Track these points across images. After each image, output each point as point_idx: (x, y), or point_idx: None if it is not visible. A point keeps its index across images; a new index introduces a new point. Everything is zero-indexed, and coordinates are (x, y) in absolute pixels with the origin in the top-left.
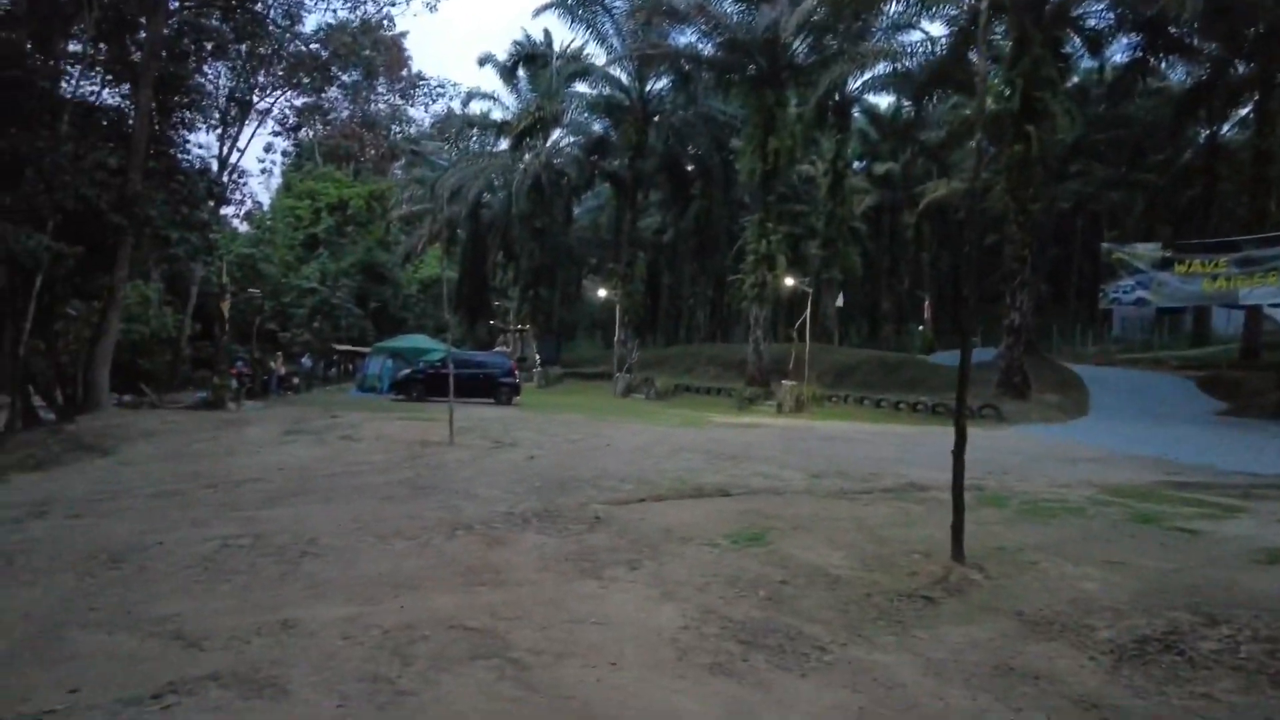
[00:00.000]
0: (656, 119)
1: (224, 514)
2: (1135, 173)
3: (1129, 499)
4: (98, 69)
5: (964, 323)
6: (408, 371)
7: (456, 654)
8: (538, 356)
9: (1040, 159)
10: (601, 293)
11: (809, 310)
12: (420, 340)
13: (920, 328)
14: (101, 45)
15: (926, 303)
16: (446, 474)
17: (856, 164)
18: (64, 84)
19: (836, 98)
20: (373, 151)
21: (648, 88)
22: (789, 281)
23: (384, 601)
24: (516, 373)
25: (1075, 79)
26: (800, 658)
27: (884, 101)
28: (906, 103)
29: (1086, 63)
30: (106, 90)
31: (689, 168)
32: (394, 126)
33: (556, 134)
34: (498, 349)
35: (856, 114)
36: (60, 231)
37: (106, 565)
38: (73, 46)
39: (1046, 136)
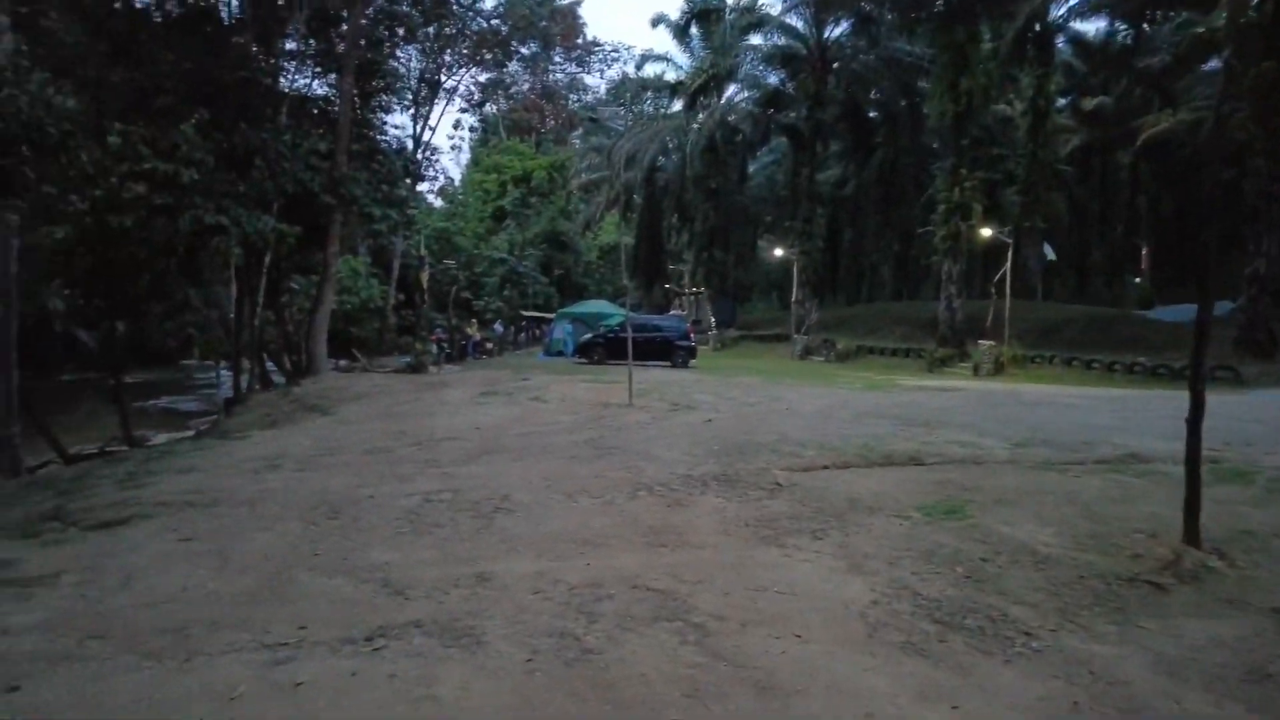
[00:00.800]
0: (835, 66)
1: (426, 470)
2: None
3: None
4: (308, 62)
5: (1203, 272)
6: (589, 336)
7: (640, 614)
8: (713, 319)
9: None
10: (778, 252)
11: (1009, 263)
12: (600, 305)
13: (1137, 280)
14: (310, 40)
15: (1144, 252)
16: (627, 435)
17: (1060, 100)
18: (281, 79)
19: (1037, 28)
20: (553, 122)
21: (825, 34)
22: (985, 232)
23: (571, 558)
24: (692, 336)
25: None
26: (1004, 642)
27: (1092, 28)
28: (1121, 27)
29: None
30: (315, 81)
31: (871, 115)
32: (571, 95)
33: (730, 90)
34: (673, 312)
35: (1060, 44)
36: (282, 213)
37: (327, 515)
38: (287, 45)
39: None
